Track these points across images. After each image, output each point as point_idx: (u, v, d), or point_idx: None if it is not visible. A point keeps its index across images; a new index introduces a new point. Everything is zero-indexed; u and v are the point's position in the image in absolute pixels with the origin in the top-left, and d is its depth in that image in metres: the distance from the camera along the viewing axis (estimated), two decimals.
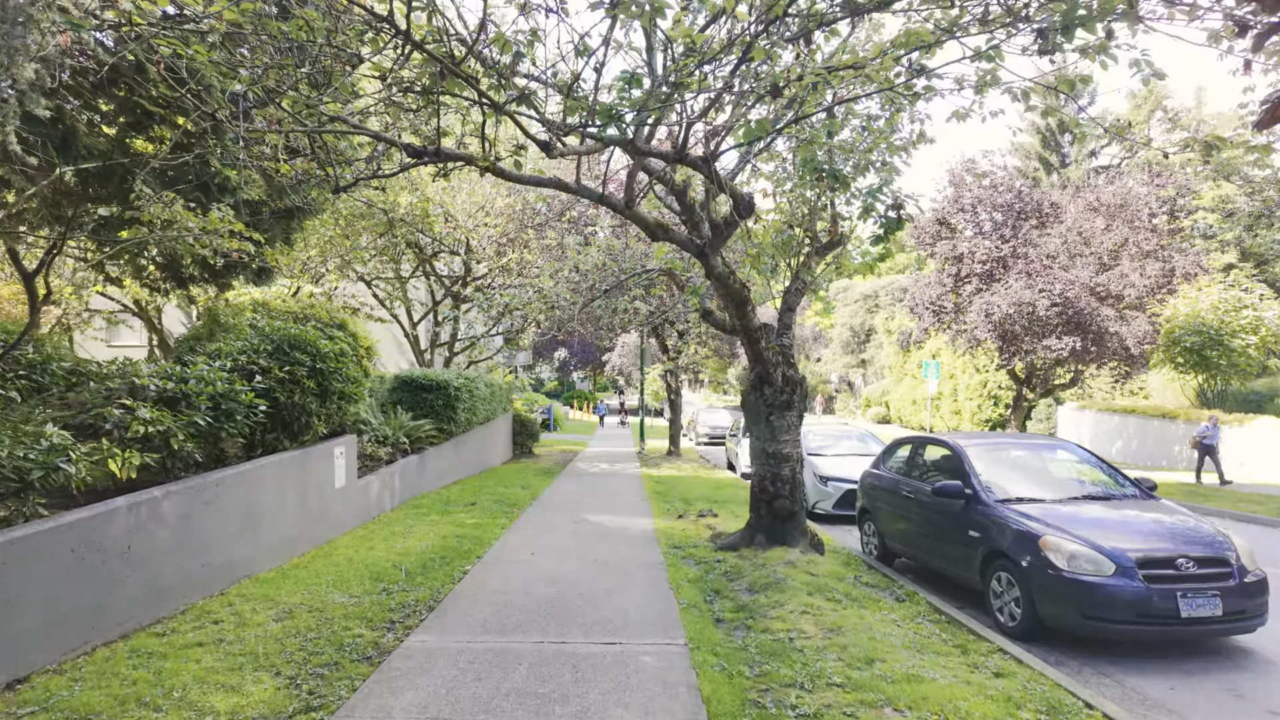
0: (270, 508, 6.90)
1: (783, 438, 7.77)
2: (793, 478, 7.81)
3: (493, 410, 16.43)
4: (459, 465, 13.88)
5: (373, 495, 9.53)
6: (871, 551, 8.20)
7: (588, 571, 6.91)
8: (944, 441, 7.11)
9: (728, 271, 6.71)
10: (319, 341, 7.90)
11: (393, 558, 7.33)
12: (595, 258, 12.10)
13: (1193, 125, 42.12)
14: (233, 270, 11.51)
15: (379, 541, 8.07)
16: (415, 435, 11.67)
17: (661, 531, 9.00)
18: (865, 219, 8.07)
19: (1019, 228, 22.03)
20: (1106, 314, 20.40)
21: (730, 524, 9.43)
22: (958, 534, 6.31)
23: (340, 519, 8.50)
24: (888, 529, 7.77)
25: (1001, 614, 5.71)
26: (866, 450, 12.61)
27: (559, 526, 9.32)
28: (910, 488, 7.27)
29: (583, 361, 59.17)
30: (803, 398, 7.92)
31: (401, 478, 10.69)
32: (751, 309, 7.17)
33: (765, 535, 7.78)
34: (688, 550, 7.95)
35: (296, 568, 6.84)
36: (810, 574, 6.75)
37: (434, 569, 6.92)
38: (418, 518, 9.57)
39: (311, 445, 8.05)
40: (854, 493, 10.53)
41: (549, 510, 10.70)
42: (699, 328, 16.36)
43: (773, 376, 7.73)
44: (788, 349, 8.09)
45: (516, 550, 7.85)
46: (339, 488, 8.49)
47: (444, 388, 12.66)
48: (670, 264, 9.75)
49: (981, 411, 31.70)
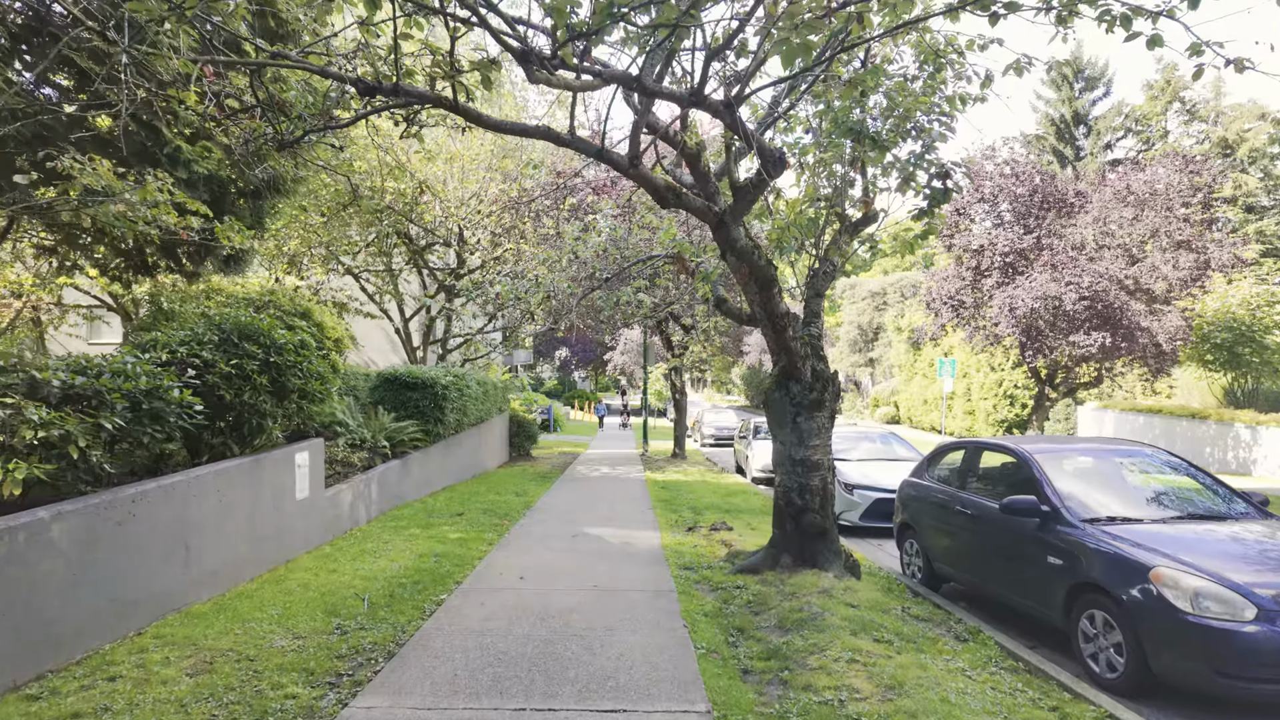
0: (209, 526, 5.83)
1: (812, 442, 6.68)
2: (824, 489, 6.72)
3: (486, 411, 15.36)
4: (448, 470, 12.81)
5: (344, 507, 8.46)
6: (914, 574, 7.10)
7: (585, 602, 5.82)
8: (1008, 448, 6.01)
9: (751, 245, 5.62)
10: (275, 331, 6.82)
11: (356, 583, 6.25)
12: (596, 243, 11.03)
13: (1211, 116, 40.98)
14: (200, 257, 10.51)
15: (344, 562, 6.99)
16: (397, 438, 10.59)
17: (670, 548, 7.92)
18: (904, 191, 7.03)
19: (1043, 218, 20.90)
20: (1136, 308, 19.27)
21: (748, 539, 8.34)
22: (1031, 560, 5.22)
23: (302, 536, 7.42)
24: (935, 549, 6.67)
25: (1096, 662, 4.61)
26: (892, 454, 11.51)
27: (554, 542, 8.24)
28: (966, 502, 6.17)
29: (584, 361, 58.11)
30: (835, 396, 6.83)
31: (380, 486, 9.61)
32: (778, 291, 6.08)
33: (792, 555, 6.69)
34: (701, 572, 6.86)
35: (239, 598, 5.76)
36: (850, 605, 5.66)
37: (403, 599, 5.84)
38: (395, 532, 8.49)
39: (268, 451, 6.98)
40: (884, 502, 9.48)
41: (544, 522, 9.61)
42: (707, 322, 15.29)
43: (800, 371, 6.64)
44: (817, 340, 7.00)
45: (503, 573, 6.76)
46: (301, 499, 7.42)
47: (430, 386, 11.59)
48: (679, 247, 8.66)
49: (997, 411, 30.55)
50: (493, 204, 16.34)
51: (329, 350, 7.90)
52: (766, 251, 5.86)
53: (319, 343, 7.69)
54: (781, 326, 6.25)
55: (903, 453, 11.53)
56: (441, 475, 12.45)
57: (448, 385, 11.89)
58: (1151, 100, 41.75)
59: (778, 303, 6.10)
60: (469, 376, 13.47)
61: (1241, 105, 40.57)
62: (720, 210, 5.46)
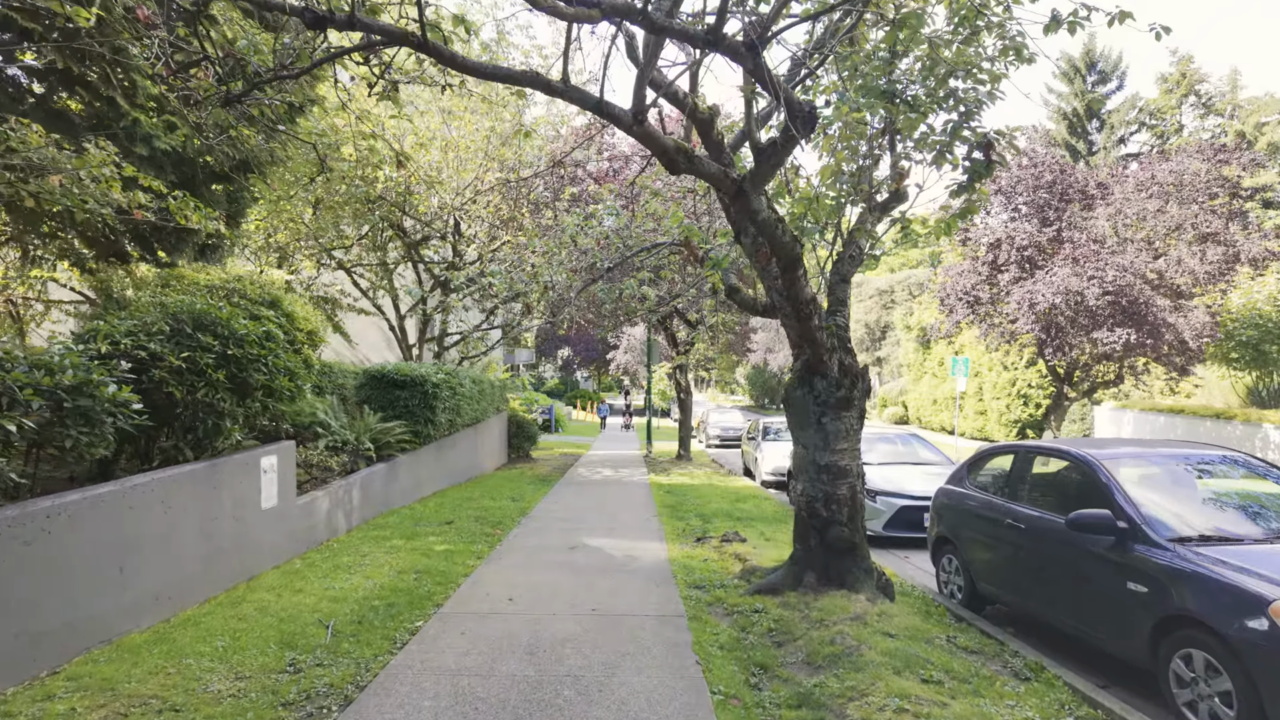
0: (151, 543, 5.07)
1: (839, 445, 5.91)
2: (852, 498, 5.94)
3: (483, 410, 14.61)
4: (440, 473, 12.05)
5: (319, 516, 7.70)
6: (953, 593, 6.33)
7: (582, 630, 5.06)
8: (1068, 452, 5.22)
9: (775, 218, 4.85)
10: (235, 320, 6.07)
11: (323, 606, 5.49)
12: (597, 231, 10.28)
13: (1227, 110, 40.05)
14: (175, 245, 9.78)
15: (314, 580, 6.23)
16: (383, 440, 9.83)
17: (678, 562, 7.15)
18: (939, 164, 6.26)
19: (1062, 210, 20.09)
20: (1161, 304, 18.44)
21: (763, 551, 7.56)
22: (1104, 585, 4.44)
23: (269, 549, 6.67)
24: (979, 566, 5.90)
25: (1196, 713, 3.83)
26: (915, 456, 10.73)
27: (550, 555, 7.47)
28: (1017, 515, 5.38)
29: (587, 360, 57.36)
30: (865, 394, 6.06)
31: (362, 492, 8.86)
32: (803, 273, 5.31)
33: (816, 573, 5.92)
34: (714, 592, 6.09)
35: (183, 625, 5.00)
36: (887, 634, 4.89)
37: (373, 625, 5.08)
38: (376, 543, 7.73)
39: (228, 455, 6.23)
40: (910, 510, 8.71)
41: (540, 531, 8.85)
42: (714, 317, 14.53)
43: (826, 366, 5.86)
44: (844, 331, 6.23)
45: (490, 593, 6.00)
46: (268, 509, 6.66)
47: (420, 384, 10.83)
48: (687, 231, 7.90)
49: (1010, 412, 29.72)
50: (489, 192, 15.59)
51: (301, 344, 7.15)
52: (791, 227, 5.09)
53: (288, 335, 6.93)
54: (807, 314, 5.47)
55: (926, 455, 10.75)
56: (433, 479, 11.70)
57: (439, 383, 11.14)
58: (1166, 94, 40.84)
59: (803, 286, 5.33)
60: (462, 374, 12.72)
61: (1258, 98, 39.65)
62: (738, 177, 4.69)
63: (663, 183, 12.15)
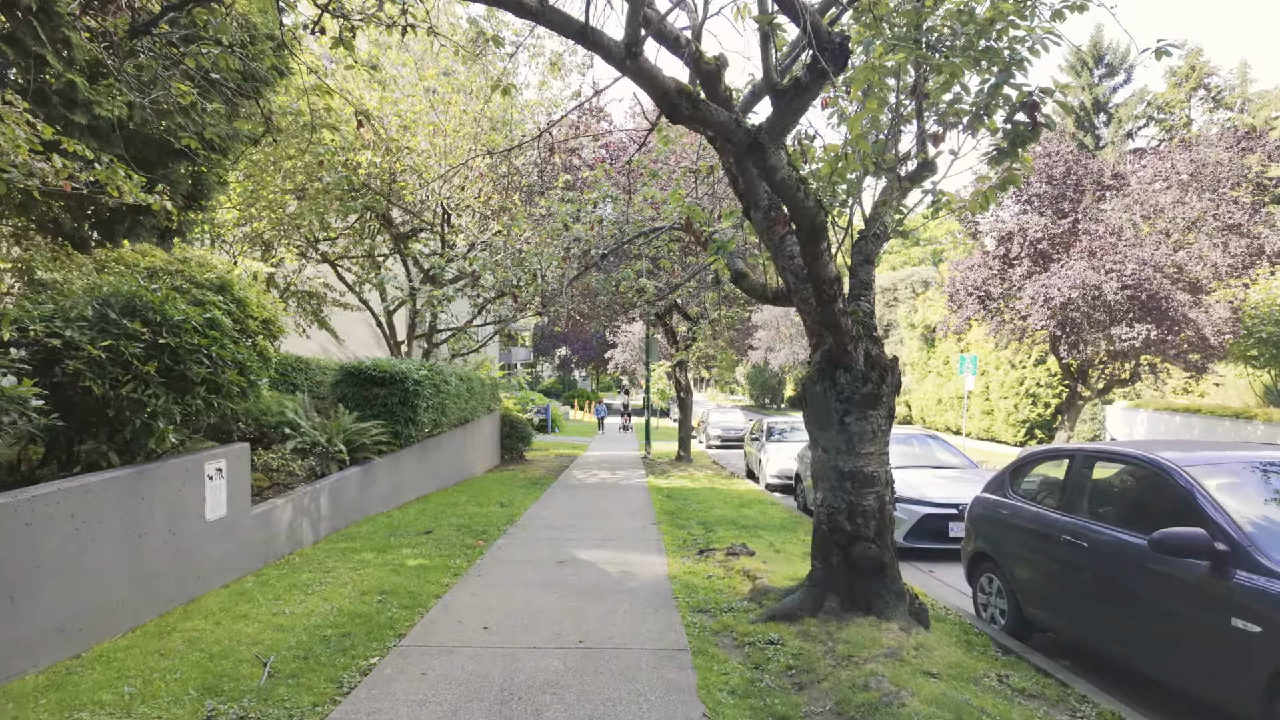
0: (55, 564, 4.28)
1: (865, 449, 5.13)
2: (880, 510, 5.16)
3: (472, 410, 13.82)
4: (424, 477, 11.26)
5: (279, 527, 6.91)
6: (993, 618, 5.53)
7: (567, 669, 4.27)
8: (1137, 457, 4.43)
9: (796, 178, 4.05)
10: (170, 306, 5.27)
11: (266, 637, 4.70)
12: (591, 215, 9.51)
13: (1237, 104, 39.30)
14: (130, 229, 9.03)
15: (263, 603, 5.44)
16: (358, 441, 9.04)
17: (679, 580, 6.35)
18: (975, 129, 5.49)
19: (1078, 201, 19.31)
20: (1181, 298, 17.67)
21: (774, 567, 6.77)
22: (1201, 621, 3.65)
23: (216, 566, 5.87)
24: (1027, 589, 5.11)
25: None
26: (934, 459, 9.94)
27: (535, 571, 6.68)
28: (1077, 531, 4.59)
29: (584, 359, 56.58)
30: (894, 389, 5.27)
31: (332, 499, 8.06)
32: (827, 247, 4.52)
33: (839, 597, 5.13)
34: (721, 618, 5.29)
35: (94, 663, 4.21)
36: (928, 674, 4.10)
37: (319, 663, 4.29)
38: (343, 557, 6.94)
39: (164, 459, 5.43)
40: (933, 518, 7.94)
41: (527, 542, 8.06)
42: (716, 310, 13.74)
43: (851, 356, 5.08)
44: (869, 318, 5.45)
45: (463, 620, 5.21)
46: (215, 520, 5.87)
47: (400, 381, 10.03)
48: (688, 212, 7.11)
49: (1018, 411, 28.92)
50: (479, 180, 14.79)
51: (254, 333, 6.35)
52: (817, 189, 4.30)
53: (239, 323, 6.14)
54: (829, 296, 4.68)
55: (947, 458, 9.96)
56: (416, 483, 10.91)
57: (421, 381, 10.34)
58: (1174, 87, 40.09)
59: (826, 263, 4.53)
60: (448, 371, 11.93)
61: (1269, 92, 38.90)
62: (753, 128, 3.90)
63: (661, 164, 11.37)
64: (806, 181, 4.14)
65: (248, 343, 6.24)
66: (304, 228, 14.19)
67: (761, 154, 3.90)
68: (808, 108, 4.01)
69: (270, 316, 6.65)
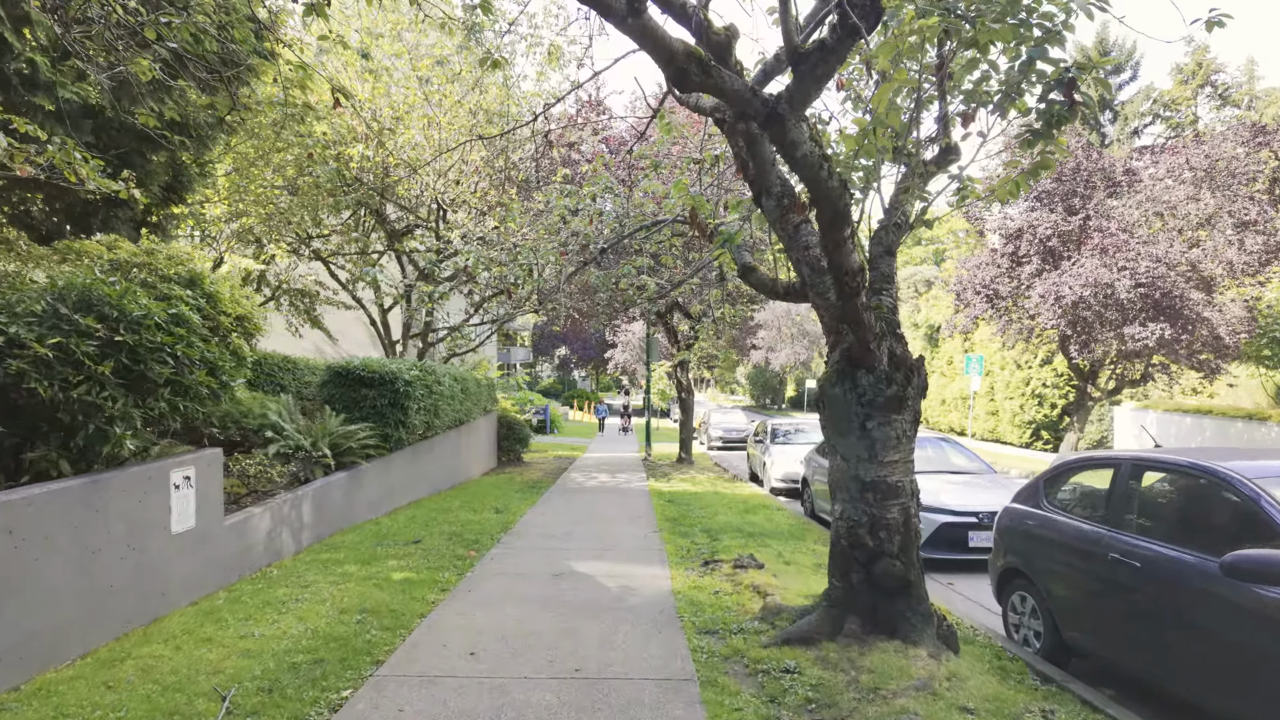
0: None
1: (889, 456, 4.69)
2: (905, 524, 4.72)
3: (467, 411, 13.37)
4: (416, 482, 10.81)
5: (256, 537, 6.46)
6: (1027, 640, 5.09)
7: (561, 704, 3.82)
8: (1196, 466, 3.98)
9: (819, 154, 3.61)
10: (129, 300, 4.83)
11: (229, 665, 4.26)
12: (590, 209, 9.08)
13: (1244, 101, 38.84)
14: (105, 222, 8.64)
15: (231, 624, 5.00)
16: (344, 445, 8.59)
17: (684, 596, 5.91)
18: (1004, 110, 5.06)
19: (1089, 197, 18.87)
20: (1195, 297, 17.23)
21: (786, 581, 6.33)
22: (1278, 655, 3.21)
23: (182, 583, 5.43)
24: (1067, 610, 4.66)
25: None
26: (948, 464, 9.50)
27: (529, 586, 6.24)
28: (1128, 549, 4.14)
29: (584, 359, 56.16)
30: (920, 392, 4.83)
31: (315, 506, 7.62)
32: (851, 234, 4.07)
33: (860, 619, 4.69)
34: (730, 640, 4.85)
35: (32, 699, 3.77)
36: (964, 710, 3.67)
37: (284, 696, 3.84)
38: (324, 569, 6.50)
39: (125, 467, 4.99)
40: (951, 527, 7.52)
41: (522, 552, 7.61)
42: (719, 309, 13.29)
43: (874, 355, 4.64)
44: (893, 313, 5.01)
45: (450, 642, 4.76)
46: (182, 532, 5.43)
47: (390, 382, 9.59)
48: (693, 202, 6.67)
49: (1024, 412, 28.46)
50: (475, 174, 14.35)
51: (227, 331, 5.91)
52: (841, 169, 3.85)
53: (210, 320, 5.70)
54: (851, 289, 4.23)
55: (962, 462, 9.52)
56: (407, 488, 10.46)
57: (412, 381, 9.89)
58: (1181, 84, 39.65)
59: (849, 251, 4.09)
60: (441, 371, 11.48)
61: (1276, 89, 38.46)
62: (770, 97, 3.46)
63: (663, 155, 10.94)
64: (830, 159, 3.69)
65: (219, 341, 5.81)
66: (295, 223, 13.73)
67: (780, 126, 3.45)
68: (833, 74, 3.56)
69: (246, 313, 6.20)
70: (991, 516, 7.78)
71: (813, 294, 5.09)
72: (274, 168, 12.75)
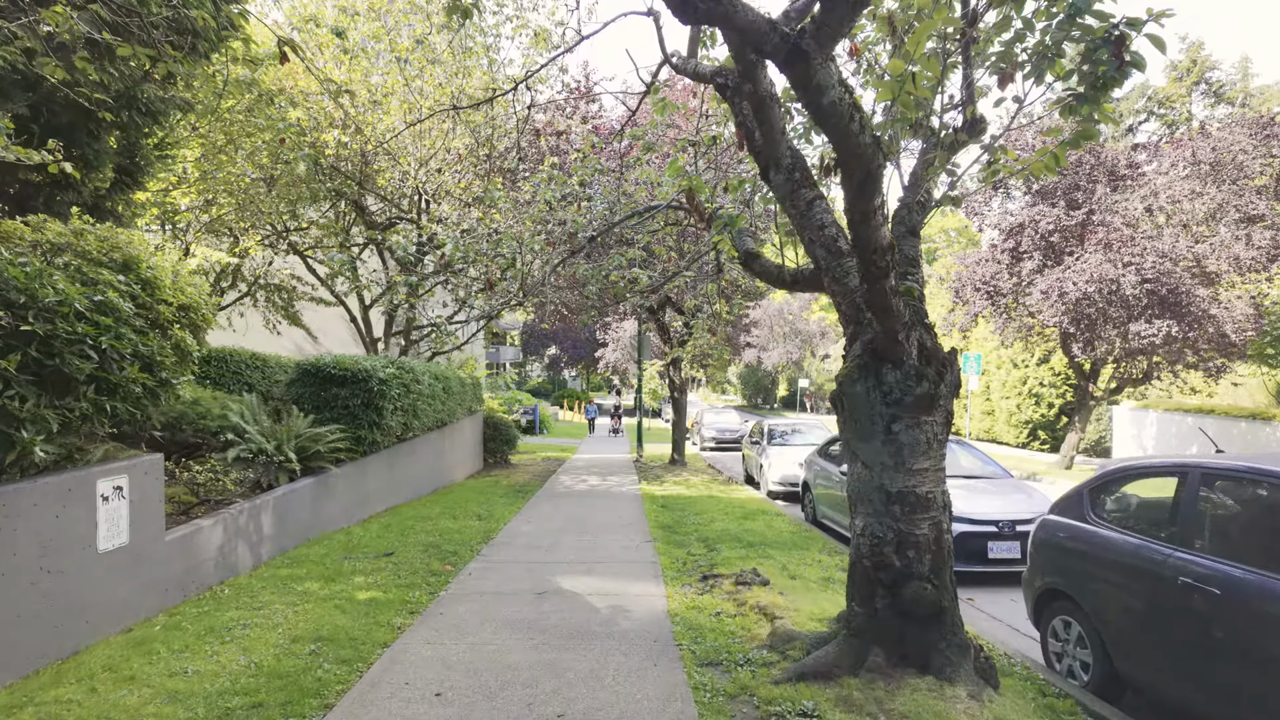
0: None
1: (918, 464, 4.09)
2: (937, 541, 4.13)
3: (450, 411, 12.71)
4: (393, 487, 10.14)
5: (204, 554, 5.80)
6: (1071, 671, 4.50)
7: None
8: None
9: (850, 102, 3.00)
10: (39, 285, 4.17)
11: (150, 711, 3.61)
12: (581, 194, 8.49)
13: (1239, 99, 38.63)
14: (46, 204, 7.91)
15: (162, 656, 4.34)
16: (312, 449, 7.93)
17: (682, 619, 5.29)
18: (1040, 74, 4.48)
19: (1091, 191, 18.41)
20: (1202, 293, 16.79)
21: (795, 600, 5.71)
22: None
23: (112, 608, 4.77)
24: (1122, 639, 4.07)
25: None
26: (962, 468, 8.91)
27: (510, 607, 5.60)
28: (1204, 573, 3.55)
29: (574, 358, 55.48)
30: (953, 390, 4.24)
31: (277, 516, 6.95)
32: (881, 204, 3.47)
33: (886, 650, 4.09)
34: (736, 675, 4.23)
35: None
36: None
37: None
38: (281, 588, 5.84)
39: (36, 478, 4.32)
40: (971, 537, 6.99)
41: (503, 566, 6.97)
42: (716, 302, 12.69)
43: (901, 348, 4.04)
44: (921, 301, 4.42)
45: (414, 679, 4.12)
46: (112, 550, 4.77)
47: (363, 380, 8.92)
48: (689, 183, 6.06)
49: (1021, 412, 28.04)
50: (458, 163, 13.69)
51: (168, 322, 5.24)
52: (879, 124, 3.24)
53: (146, 310, 5.03)
54: (880, 269, 3.62)
55: (975, 465, 8.95)
56: (384, 493, 9.80)
57: (388, 379, 9.23)
58: (1175, 82, 39.43)
59: (879, 225, 3.48)
60: (420, 369, 10.82)
61: (1269, 87, 38.27)
62: (791, 31, 2.85)
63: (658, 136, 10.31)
64: (862, 110, 3.08)
65: (158, 333, 5.14)
66: (268, 213, 13.01)
67: (804, 66, 2.84)
68: (870, 1, 2.95)
69: (191, 302, 5.54)
70: (1012, 525, 7.23)
71: (828, 279, 4.48)
72: (246, 154, 12.04)
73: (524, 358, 58.18)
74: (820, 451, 10.61)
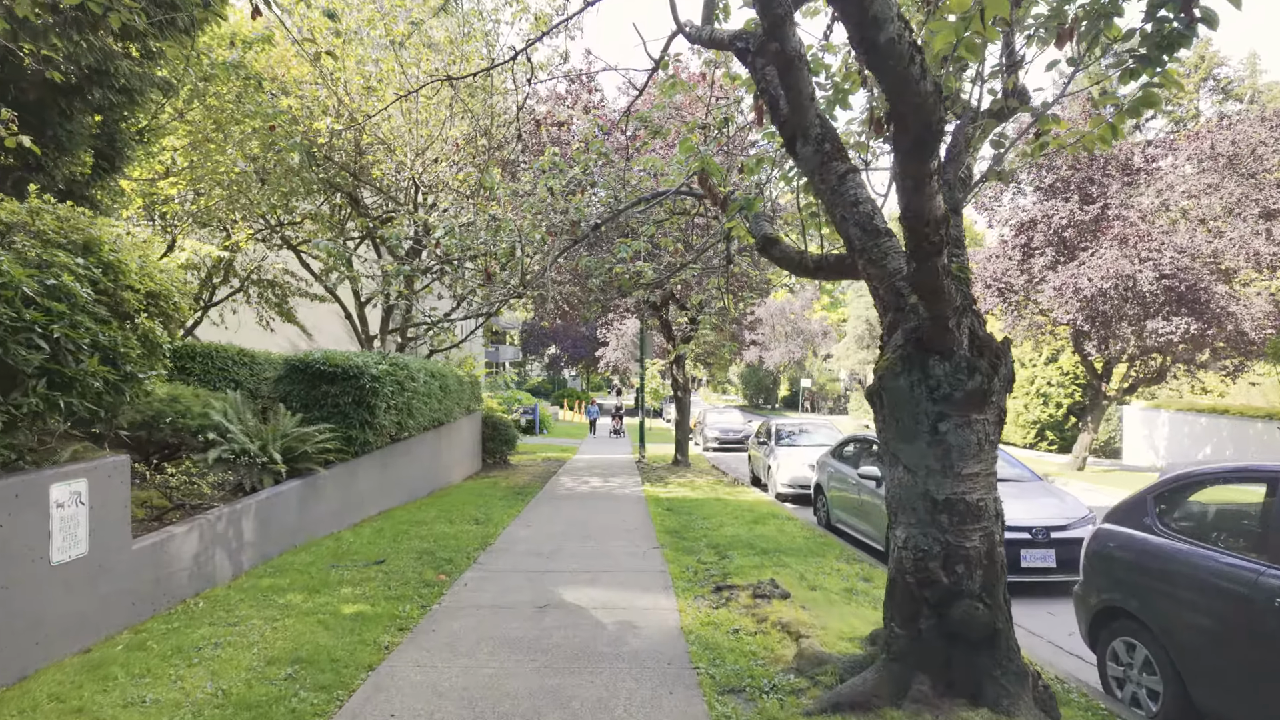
0: None
1: (968, 467, 3.63)
2: (990, 555, 3.67)
3: (447, 410, 12.24)
4: (386, 489, 9.67)
5: (177, 564, 5.33)
6: (1135, 699, 4.04)
7: None
8: None
9: (909, 41, 2.53)
10: None
11: None
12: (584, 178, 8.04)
13: (1247, 95, 38.16)
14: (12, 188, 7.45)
15: (119, 682, 3.87)
16: (299, 450, 7.47)
17: (697, 637, 4.82)
18: (1094, 37, 4.07)
19: (1106, 186, 17.94)
20: (1221, 290, 16.33)
21: (819, 615, 5.24)
22: None
23: (68, 625, 4.30)
24: (1200, 665, 3.61)
25: None
26: None
27: (508, 622, 5.14)
28: None
29: (575, 358, 54.99)
30: (1006, 385, 3.78)
31: (259, 521, 6.48)
32: (938, 166, 3.01)
33: (933, 677, 3.62)
34: (762, 705, 3.77)
35: None
36: None
37: None
38: (261, 601, 5.38)
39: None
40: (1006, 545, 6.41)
41: (501, 576, 6.51)
42: (721, 298, 12.22)
43: (952, 337, 3.58)
44: (969, 284, 3.95)
45: (399, 711, 3.66)
46: (68, 562, 4.30)
47: (354, 377, 8.46)
48: (702, 164, 5.59)
49: (1028, 412, 27.60)
50: (456, 153, 13.23)
51: (134, 311, 4.78)
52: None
53: (108, 296, 4.57)
54: (933, 245, 3.16)
55: (1002, 467, 8.44)
56: (377, 496, 9.33)
57: (380, 376, 8.76)
58: (1182, 78, 38.90)
59: (933, 193, 3.02)
60: (415, 366, 10.35)
61: (1278, 83, 37.82)
62: None
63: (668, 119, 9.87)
64: (923, 51, 2.61)
65: (123, 323, 4.68)
66: (259, 202, 12.54)
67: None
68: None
69: (162, 289, 5.07)
70: (1045, 532, 6.77)
71: (863, 261, 4.02)
72: (235, 142, 11.58)
73: (523, 357, 57.70)
74: (834, 453, 10.15)
